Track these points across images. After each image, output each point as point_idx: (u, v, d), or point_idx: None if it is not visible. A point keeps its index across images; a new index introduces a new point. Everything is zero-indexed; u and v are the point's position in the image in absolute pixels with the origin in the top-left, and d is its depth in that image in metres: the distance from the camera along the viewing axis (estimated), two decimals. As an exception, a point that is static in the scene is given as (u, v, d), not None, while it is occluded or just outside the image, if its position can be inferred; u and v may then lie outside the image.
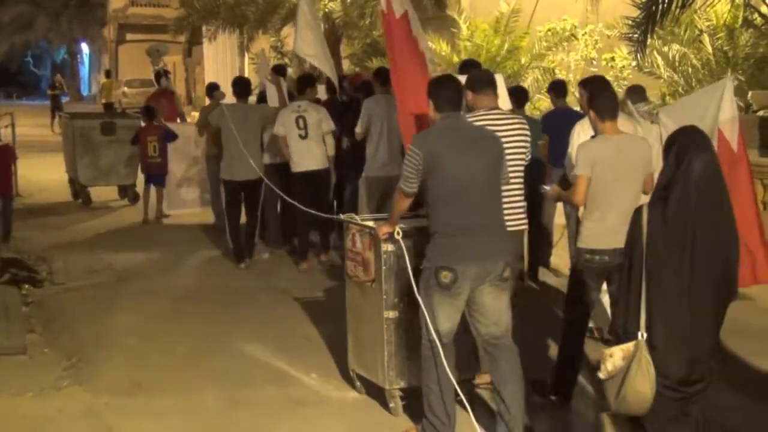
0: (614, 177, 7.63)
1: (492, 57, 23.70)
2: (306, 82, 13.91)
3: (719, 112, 9.83)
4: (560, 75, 24.19)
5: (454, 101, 7.40)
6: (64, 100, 52.86)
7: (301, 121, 13.10)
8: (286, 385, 8.67)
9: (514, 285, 7.75)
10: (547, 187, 8.70)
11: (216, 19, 30.85)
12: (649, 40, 14.14)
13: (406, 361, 7.85)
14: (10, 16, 68.94)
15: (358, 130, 12.66)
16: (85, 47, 77.00)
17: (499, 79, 9.30)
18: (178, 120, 20.06)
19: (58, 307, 11.50)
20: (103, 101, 43.23)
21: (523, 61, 24.09)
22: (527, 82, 23.37)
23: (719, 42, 21.54)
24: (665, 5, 12.72)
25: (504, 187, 7.54)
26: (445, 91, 7.41)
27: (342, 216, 8.71)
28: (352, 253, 8.26)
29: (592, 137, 8.26)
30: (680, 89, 22.81)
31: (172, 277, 13.17)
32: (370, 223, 8.06)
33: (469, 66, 10.08)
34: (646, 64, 21.71)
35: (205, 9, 30.97)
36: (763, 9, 12.37)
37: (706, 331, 5.56)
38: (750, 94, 20.07)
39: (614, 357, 5.53)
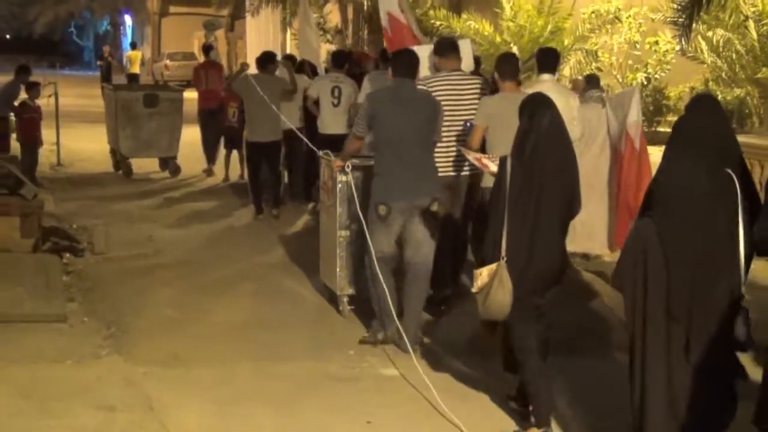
0: (508, 127, 8.04)
1: (535, 38, 23.65)
2: (341, 57, 15.62)
3: (628, 115, 11.41)
4: (603, 58, 24.12)
5: (405, 70, 9.13)
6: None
7: (336, 91, 14.60)
8: (322, 360, 8.71)
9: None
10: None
11: (259, -7, 30.91)
12: (693, 25, 14.04)
13: (354, 272, 9.84)
14: (53, -14, 69.32)
15: (359, 101, 12.96)
16: (128, 19, 77.19)
17: (465, 45, 10.92)
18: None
19: (98, 276, 11.58)
20: (128, 72, 43.00)
21: (566, 42, 24.00)
22: (569, 64, 23.33)
23: (764, 28, 21.39)
24: (712, -10, 12.65)
25: (444, 139, 9.56)
26: (399, 62, 9.26)
27: (320, 153, 10.60)
28: (323, 182, 10.42)
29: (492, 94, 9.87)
30: (723, 74, 22.69)
31: (211, 250, 13.23)
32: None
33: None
34: (690, 49, 21.61)
35: (249, -17, 31.04)
36: (810, -4, 12.30)
37: (552, 249, 6.85)
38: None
39: (482, 275, 6.87)
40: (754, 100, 22.13)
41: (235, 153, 18.69)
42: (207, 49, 22.82)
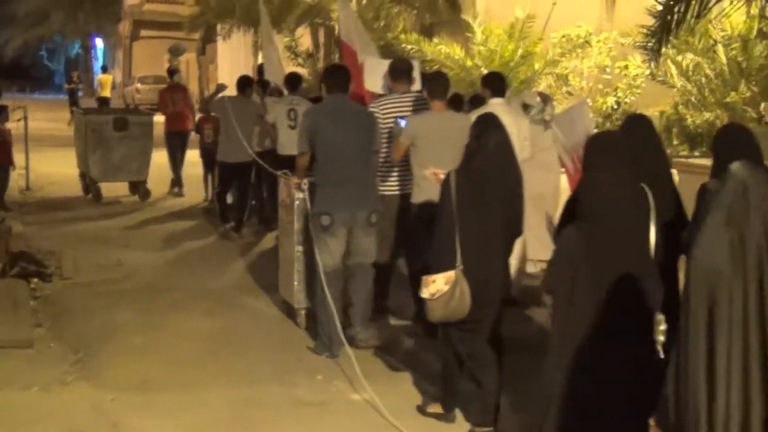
0: (434, 145, 9.26)
1: (506, 62, 23.71)
2: (296, 80, 15.72)
3: (585, 129, 11.19)
4: (573, 82, 24.23)
5: (339, 86, 9.71)
6: (80, 94, 52.91)
7: (292, 113, 14.63)
8: (290, 385, 8.66)
9: None
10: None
11: (231, 17, 30.98)
12: (663, 49, 14.09)
13: (311, 286, 9.97)
14: (25, 11, 69.06)
15: None
16: (99, 42, 77.06)
17: (416, 65, 11.56)
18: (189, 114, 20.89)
19: (66, 301, 11.51)
20: (99, 96, 42.95)
21: (536, 66, 24.10)
22: (540, 88, 23.38)
23: (733, 52, 21.54)
24: (680, 15, 12.66)
25: (387, 157, 9.96)
26: (333, 78, 9.85)
27: (278, 173, 10.97)
28: (281, 200, 10.83)
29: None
30: (693, 98, 22.80)
31: (180, 273, 13.15)
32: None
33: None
34: (660, 73, 21.74)
35: (220, 7, 31.10)
36: (778, 21, 12.37)
37: (498, 260, 7.40)
38: (762, 105, 20.06)
39: (437, 282, 7.18)
40: (723, 123, 22.23)
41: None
42: (172, 72, 23.05)
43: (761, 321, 4.28)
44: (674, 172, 9.25)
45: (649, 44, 13.47)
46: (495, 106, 10.62)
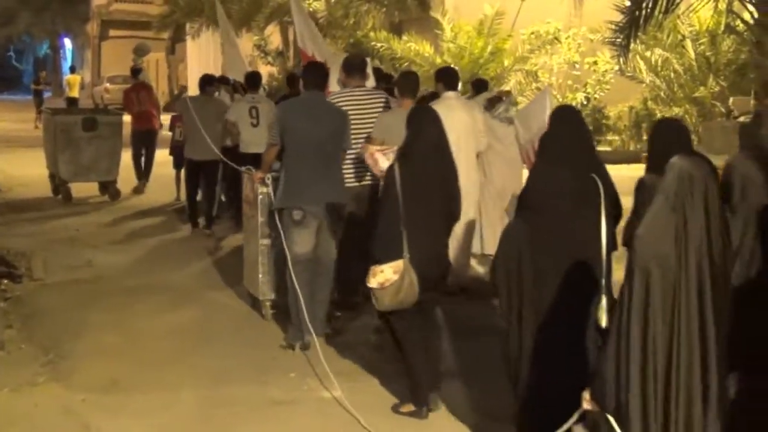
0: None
1: (475, 59, 23.77)
2: (256, 79, 16.14)
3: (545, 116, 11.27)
4: (543, 78, 24.29)
5: (315, 83, 9.96)
6: (47, 95, 52.67)
7: (254, 111, 15.06)
8: (263, 384, 8.63)
9: None
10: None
11: (200, 16, 30.89)
12: (632, 45, 14.15)
13: (275, 278, 10.30)
14: (-8, 11, 68.77)
15: None
16: (68, 42, 76.75)
17: (368, 62, 11.83)
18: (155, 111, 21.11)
19: (37, 303, 11.45)
20: (67, 96, 42.77)
21: (506, 63, 24.18)
22: (510, 85, 23.47)
23: (701, 47, 21.66)
24: (648, 10, 12.74)
25: (351, 150, 10.12)
26: (309, 75, 10.16)
27: (242, 168, 11.37)
28: (245, 195, 11.03)
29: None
30: (662, 93, 22.90)
31: (151, 273, 13.09)
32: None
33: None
34: (629, 69, 21.85)
35: (189, 6, 31.01)
36: (746, 16, 12.42)
37: (439, 247, 7.77)
38: (731, 100, 20.16)
39: (385, 272, 7.41)
40: (692, 118, 22.34)
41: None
42: (135, 71, 23.14)
43: (700, 304, 4.50)
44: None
45: (618, 40, 13.56)
46: (449, 99, 11.22)
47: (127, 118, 20.66)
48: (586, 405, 4.89)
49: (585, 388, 4.87)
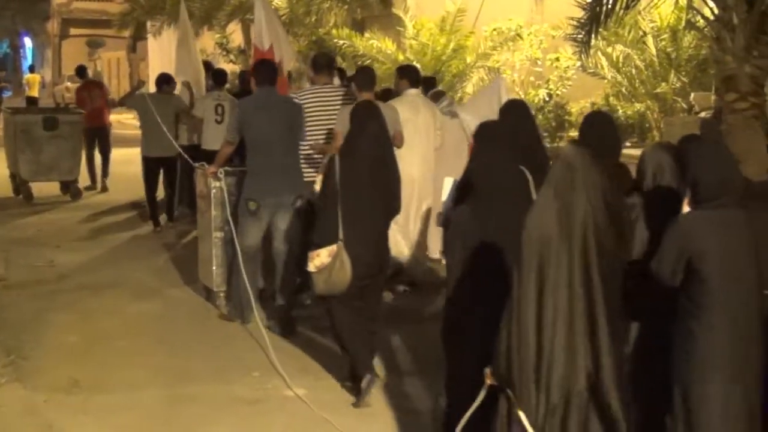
0: None
1: (437, 56, 23.77)
2: (222, 76, 16.47)
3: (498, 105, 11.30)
4: (505, 74, 24.32)
5: (267, 79, 10.29)
6: (7, 95, 52.30)
7: (219, 108, 15.23)
8: (227, 383, 8.62)
9: None
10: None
11: (161, 14, 30.72)
12: (593, 41, 14.17)
13: (228, 270, 10.60)
14: (-49, 10, 68.30)
15: None
16: (28, 41, 76.30)
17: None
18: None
19: (-2, 303, 11.38)
20: (27, 95, 42.49)
21: (468, 60, 24.17)
22: (472, 81, 23.49)
23: (662, 44, 21.76)
24: (609, 6, 12.75)
25: (311, 141, 10.62)
26: (262, 72, 10.45)
27: (195, 165, 11.63)
28: (199, 190, 11.36)
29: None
30: (624, 90, 23.00)
31: (113, 272, 13.01)
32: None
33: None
34: (591, 65, 21.93)
35: (150, 4, 30.85)
36: (706, 12, 12.45)
37: (376, 235, 8.10)
38: (692, 95, 20.26)
39: (321, 256, 7.83)
40: (654, 114, 22.47)
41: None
42: (81, 70, 23.02)
43: (586, 282, 4.84)
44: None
45: (580, 36, 13.56)
46: (412, 96, 11.68)
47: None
48: (489, 381, 5.20)
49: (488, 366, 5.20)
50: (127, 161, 18.87)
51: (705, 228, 5.40)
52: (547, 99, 24.79)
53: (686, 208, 5.62)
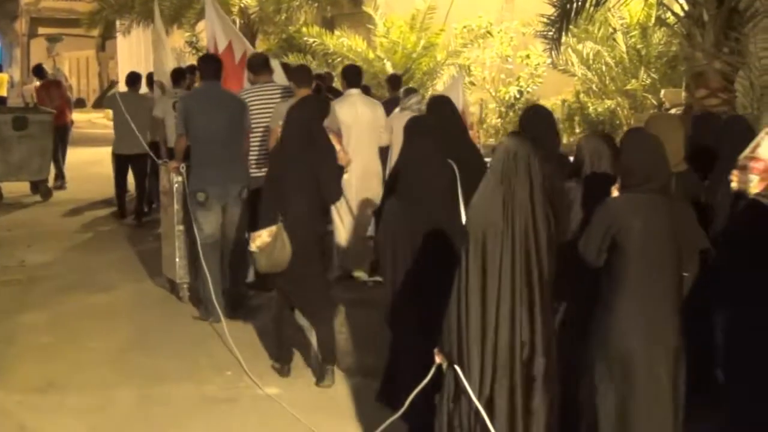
0: None
1: (408, 53, 23.77)
2: (180, 74, 16.15)
3: (459, 101, 12.47)
4: (476, 72, 24.37)
5: (211, 73, 10.72)
6: (-26, 94, 51.89)
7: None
8: (200, 382, 8.63)
9: None
10: None
11: (130, 13, 30.48)
12: (563, 38, 14.22)
13: (192, 262, 10.89)
14: None
15: None
16: (-4, 41, 75.79)
17: (275, 63, 13.03)
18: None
19: (-31, 304, 11.32)
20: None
21: (439, 57, 24.18)
22: (442, 79, 23.49)
23: (632, 40, 21.82)
24: (580, 3, 12.81)
25: (256, 140, 11.07)
26: (205, 66, 10.93)
27: (159, 161, 12.43)
28: (162, 186, 11.76)
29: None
30: (594, 87, 23.06)
31: (84, 272, 12.96)
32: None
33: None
34: (561, 62, 21.93)
35: (119, 3, 30.61)
36: (676, 8, 12.52)
37: (311, 219, 8.44)
38: (662, 92, 20.31)
39: (262, 236, 8.23)
40: (624, 111, 22.53)
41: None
42: (38, 70, 23.49)
43: (527, 262, 5.37)
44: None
45: (550, 33, 13.60)
46: (352, 96, 12.22)
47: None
48: (438, 359, 5.62)
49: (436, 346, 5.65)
50: (97, 161, 18.78)
51: (630, 209, 5.78)
52: (517, 96, 24.85)
53: (615, 193, 6.04)
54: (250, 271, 10.90)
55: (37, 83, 22.49)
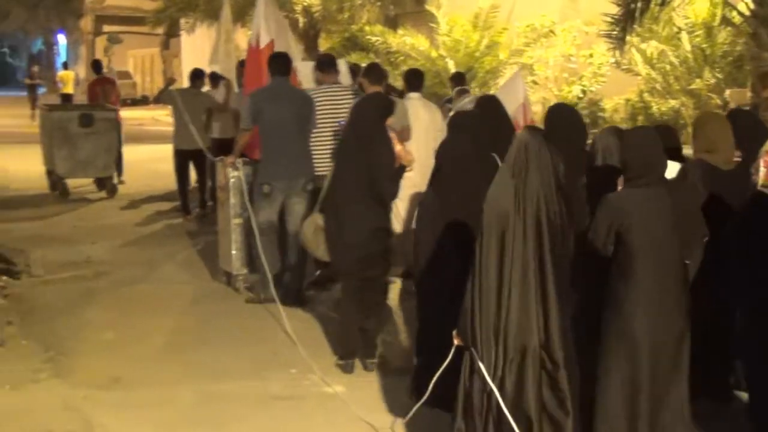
0: None
1: (471, 52, 23.74)
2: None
3: (520, 95, 12.87)
4: (539, 71, 24.28)
5: (280, 70, 10.98)
6: (42, 91, 52.49)
7: None
8: (264, 379, 8.65)
9: None
10: None
11: (194, 11, 30.70)
12: (627, 37, 14.15)
13: (247, 255, 11.41)
14: (-14, 7, 68.61)
15: None
16: (62, 38, 76.54)
17: (342, 64, 13.07)
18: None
19: (36, 299, 11.46)
20: (61, 92, 42.67)
21: (501, 56, 24.13)
22: (505, 77, 23.39)
23: (697, 40, 21.60)
24: (644, 2, 12.75)
25: (321, 139, 11.11)
26: (276, 63, 11.08)
27: (215, 159, 12.88)
28: (219, 182, 12.13)
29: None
30: (658, 86, 22.88)
31: (148, 268, 13.11)
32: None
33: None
34: (624, 61, 21.77)
35: (184, 1, 30.86)
36: (741, 7, 12.43)
37: (364, 220, 8.53)
38: (727, 92, 20.12)
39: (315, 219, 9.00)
40: (688, 110, 22.33)
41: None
42: (97, 65, 23.58)
43: (538, 252, 5.70)
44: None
45: (614, 32, 13.56)
46: (413, 99, 12.36)
47: (123, 113, 20.66)
48: (456, 341, 6.01)
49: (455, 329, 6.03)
50: (160, 158, 18.92)
51: (630, 204, 6.11)
52: (580, 95, 24.71)
53: (620, 187, 6.42)
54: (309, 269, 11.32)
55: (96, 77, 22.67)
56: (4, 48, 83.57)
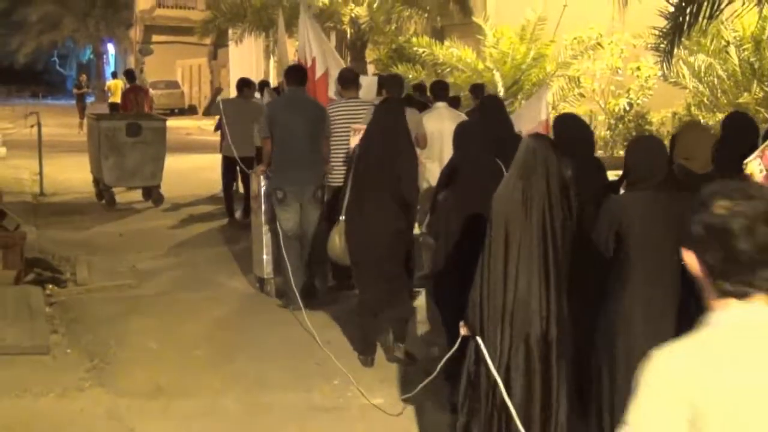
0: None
1: (517, 64, 23.71)
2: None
3: (542, 112, 13.30)
4: (585, 83, 24.20)
5: (296, 81, 11.53)
6: (90, 100, 52.86)
7: None
8: (306, 390, 8.68)
9: None
10: None
11: (242, 22, 30.88)
12: (675, 50, 14.08)
13: (278, 259, 11.68)
14: (37, 16, 69.27)
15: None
16: (111, 48, 77.13)
17: (369, 79, 14.42)
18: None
19: (81, 308, 11.53)
20: (110, 101, 43.01)
21: (548, 69, 24.07)
22: (552, 90, 23.34)
23: (746, 53, 21.46)
24: (692, 16, 12.67)
25: (338, 151, 11.48)
26: (292, 74, 11.67)
27: (248, 171, 13.43)
28: (252, 191, 12.58)
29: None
30: (705, 99, 22.75)
31: (194, 278, 13.16)
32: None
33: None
34: (672, 74, 21.65)
35: (232, 12, 31.03)
36: (791, 21, 12.36)
37: (384, 219, 8.97)
38: (775, 106, 19.96)
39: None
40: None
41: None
42: (130, 74, 24.18)
43: (543, 246, 6.00)
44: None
45: (661, 45, 13.48)
46: (439, 108, 13.00)
47: (173, 123, 20.83)
48: (463, 332, 6.25)
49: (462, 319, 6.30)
50: (207, 167, 19.01)
51: (629, 206, 6.32)
52: (627, 108, 24.63)
53: (622, 191, 6.96)
54: (329, 274, 11.88)
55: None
56: (54, 57, 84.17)
